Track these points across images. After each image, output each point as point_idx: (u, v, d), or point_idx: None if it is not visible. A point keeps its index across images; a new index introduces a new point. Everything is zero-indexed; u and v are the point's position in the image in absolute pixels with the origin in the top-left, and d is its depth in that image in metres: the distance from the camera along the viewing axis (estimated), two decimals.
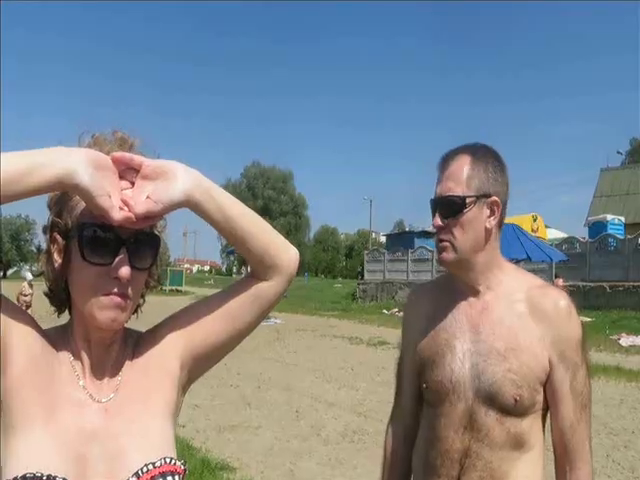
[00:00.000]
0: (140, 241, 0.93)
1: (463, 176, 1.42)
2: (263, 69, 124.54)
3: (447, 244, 1.44)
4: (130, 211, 0.88)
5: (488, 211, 1.43)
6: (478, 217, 1.42)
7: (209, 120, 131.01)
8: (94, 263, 0.90)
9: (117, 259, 0.90)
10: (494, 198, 1.42)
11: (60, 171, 0.83)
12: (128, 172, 0.92)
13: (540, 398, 1.41)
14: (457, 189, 1.41)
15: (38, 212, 0.95)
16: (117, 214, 0.87)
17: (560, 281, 15.94)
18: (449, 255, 1.44)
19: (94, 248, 0.90)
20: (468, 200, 1.40)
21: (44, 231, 0.98)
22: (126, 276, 0.90)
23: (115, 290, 0.91)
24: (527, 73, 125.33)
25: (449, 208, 1.42)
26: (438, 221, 1.44)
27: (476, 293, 1.47)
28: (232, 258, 65.86)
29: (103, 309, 0.91)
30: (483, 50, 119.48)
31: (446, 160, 1.46)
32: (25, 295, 12.33)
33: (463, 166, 1.42)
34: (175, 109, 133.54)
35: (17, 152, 0.84)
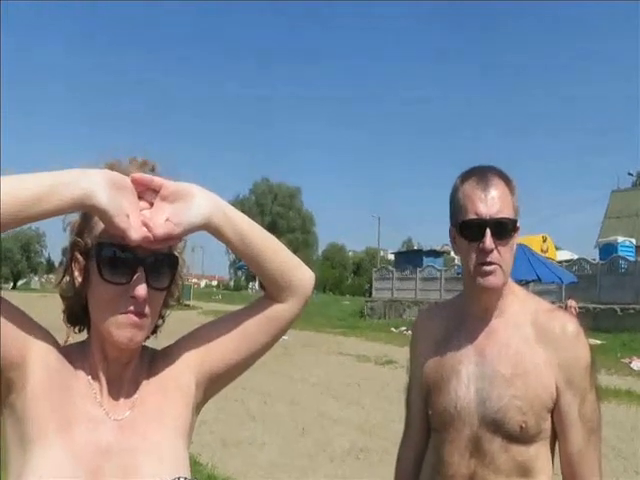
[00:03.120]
0: (158, 261, 0.94)
1: (509, 199, 1.39)
2: (272, 85, 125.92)
3: (497, 267, 1.37)
4: (150, 232, 0.90)
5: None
6: (515, 242, 1.41)
7: (219, 135, 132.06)
8: (112, 282, 0.91)
9: (134, 278, 0.91)
10: (519, 224, 1.43)
11: (79, 192, 0.85)
12: (147, 193, 0.93)
13: (547, 425, 1.39)
14: (508, 211, 1.38)
15: (48, 224, 0.97)
16: (135, 234, 0.88)
17: (573, 302, 15.78)
18: (498, 279, 1.38)
19: (112, 267, 0.91)
20: (517, 224, 1.40)
21: (63, 253, 1.00)
22: (143, 295, 0.91)
23: (132, 309, 0.92)
24: (536, 89, 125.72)
25: (502, 230, 1.37)
26: (492, 243, 1.35)
27: (485, 317, 1.45)
28: (240, 273, 65.91)
29: (120, 328, 0.92)
30: (487, 65, 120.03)
31: (484, 180, 1.39)
32: None
33: (505, 189, 1.39)
34: (184, 124, 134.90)
35: (35, 174, 0.85)
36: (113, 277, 0.91)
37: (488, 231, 1.35)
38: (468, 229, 1.38)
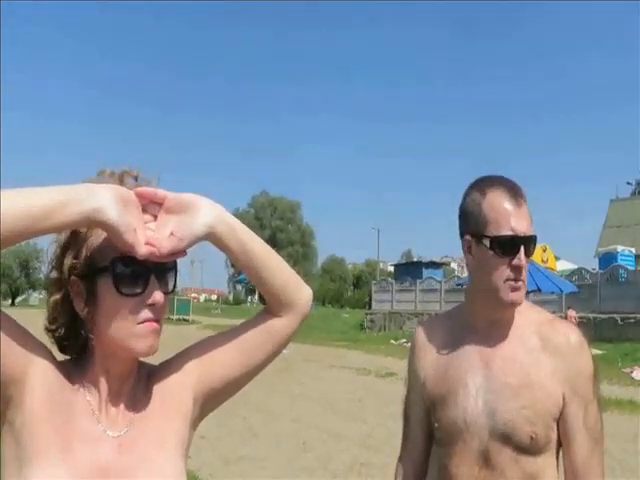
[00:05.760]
0: (164, 266, 0.96)
1: (530, 216, 1.40)
2: (270, 96, 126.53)
3: (522, 284, 1.38)
4: (156, 248, 0.91)
5: None
6: None
7: (217, 149, 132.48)
8: (129, 295, 0.92)
9: (149, 287, 0.93)
10: None
11: (88, 207, 0.85)
12: (150, 206, 0.94)
13: (554, 435, 1.39)
14: (532, 229, 1.38)
15: (47, 240, 0.97)
16: (142, 249, 0.90)
17: (573, 312, 15.77)
18: (523, 295, 1.39)
19: (127, 280, 0.92)
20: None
21: (46, 287, 0.99)
22: (161, 301, 0.94)
23: (150, 316, 0.93)
24: (535, 100, 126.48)
25: (529, 247, 1.38)
26: (524, 260, 1.36)
27: (490, 329, 1.45)
28: (240, 287, 65.77)
29: (140, 338, 0.93)
30: (487, 59, 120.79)
31: (514, 193, 1.39)
32: None
33: (526, 206, 1.40)
34: (183, 137, 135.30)
35: (45, 188, 0.85)
36: (130, 289, 0.92)
37: (522, 248, 1.35)
38: (502, 245, 1.36)
